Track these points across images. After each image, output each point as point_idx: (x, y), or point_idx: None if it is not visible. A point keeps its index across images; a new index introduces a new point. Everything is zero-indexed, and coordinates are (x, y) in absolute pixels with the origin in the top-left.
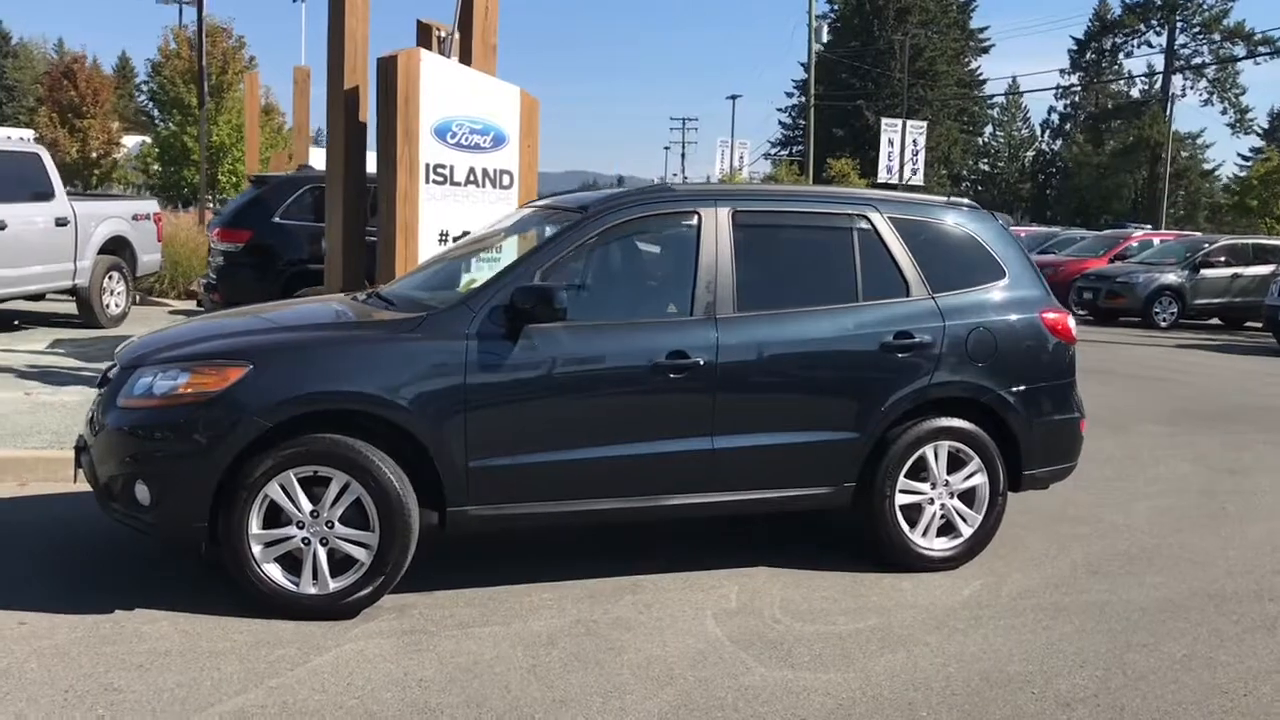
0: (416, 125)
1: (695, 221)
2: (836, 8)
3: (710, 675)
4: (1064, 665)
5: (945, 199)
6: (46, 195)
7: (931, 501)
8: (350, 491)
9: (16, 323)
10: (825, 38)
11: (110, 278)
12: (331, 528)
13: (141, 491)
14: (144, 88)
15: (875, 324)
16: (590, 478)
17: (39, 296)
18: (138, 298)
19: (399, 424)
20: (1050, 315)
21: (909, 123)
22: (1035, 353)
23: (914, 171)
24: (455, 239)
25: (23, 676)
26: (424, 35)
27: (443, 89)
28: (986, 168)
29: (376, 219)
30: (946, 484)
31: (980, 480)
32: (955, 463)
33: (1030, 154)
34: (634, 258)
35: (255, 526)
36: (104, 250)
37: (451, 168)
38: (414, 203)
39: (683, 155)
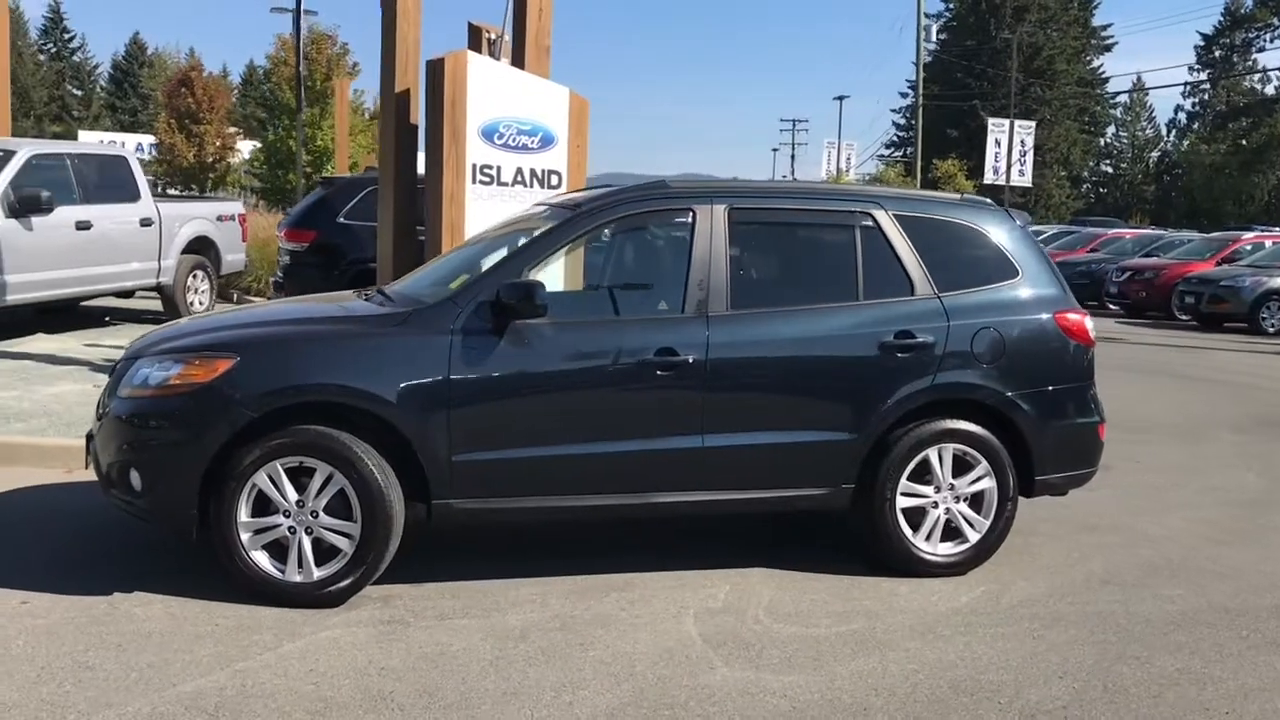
0: (464, 126)
1: (690, 219)
2: (952, 7)
3: (671, 673)
4: (1042, 676)
5: (959, 196)
6: (132, 197)
7: (935, 505)
8: (334, 482)
9: (108, 319)
10: (935, 38)
11: (194, 276)
12: (316, 517)
13: (135, 478)
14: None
15: (874, 323)
16: (576, 474)
17: (129, 294)
18: (235, 296)
19: (382, 417)
20: (1069, 316)
21: (1017, 122)
22: (1048, 354)
23: (1021, 173)
24: None
25: (6, 652)
26: (475, 38)
27: (490, 90)
28: (1109, 169)
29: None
30: (952, 487)
31: (988, 484)
32: (962, 466)
33: (1155, 154)
34: (627, 254)
35: (244, 515)
36: (188, 250)
37: (498, 168)
38: (460, 203)
39: (792, 157)
